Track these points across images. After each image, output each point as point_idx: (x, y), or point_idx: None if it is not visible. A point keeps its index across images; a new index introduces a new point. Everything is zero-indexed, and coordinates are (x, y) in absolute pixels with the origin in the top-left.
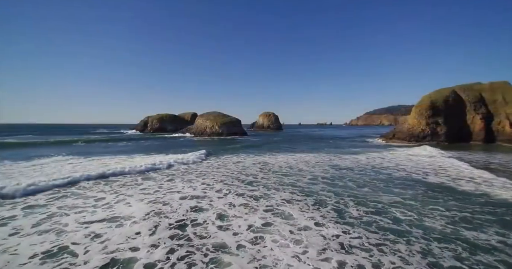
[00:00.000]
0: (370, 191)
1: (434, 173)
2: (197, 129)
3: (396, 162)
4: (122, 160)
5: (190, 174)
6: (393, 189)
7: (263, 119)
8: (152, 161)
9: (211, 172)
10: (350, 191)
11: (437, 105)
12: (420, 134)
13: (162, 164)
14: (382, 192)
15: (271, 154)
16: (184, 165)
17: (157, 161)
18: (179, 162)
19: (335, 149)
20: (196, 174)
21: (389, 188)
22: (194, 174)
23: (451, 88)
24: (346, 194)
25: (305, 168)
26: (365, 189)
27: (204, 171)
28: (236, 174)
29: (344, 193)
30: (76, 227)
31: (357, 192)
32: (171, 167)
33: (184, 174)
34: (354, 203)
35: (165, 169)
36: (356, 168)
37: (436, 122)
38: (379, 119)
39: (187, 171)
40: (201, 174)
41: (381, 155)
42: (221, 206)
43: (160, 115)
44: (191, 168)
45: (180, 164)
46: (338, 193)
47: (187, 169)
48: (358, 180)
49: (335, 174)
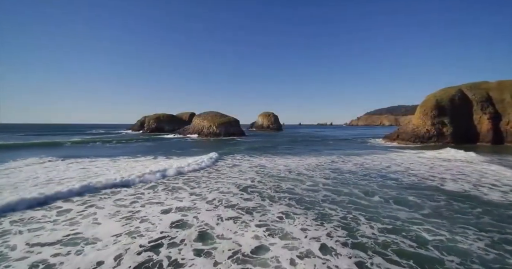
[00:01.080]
0: (381, 201)
1: (452, 179)
2: (194, 129)
3: (406, 165)
4: (104, 164)
5: (176, 180)
6: (408, 198)
7: (262, 119)
8: (137, 169)
9: (201, 177)
10: (357, 201)
11: (442, 105)
12: (425, 135)
13: (143, 176)
14: (396, 202)
15: (269, 157)
16: (172, 171)
17: (140, 170)
18: (164, 169)
19: (337, 150)
20: (183, 180)
21: (403, 197)
22: (181, 180)
23: (457, 87)
24: (352, 206)
25: (304, 172)
26: (375, 198)
27: (193, 176)
28: (230, 180)
29: (350, 204)
30: (25, 251)
31: (366, 202)
32: (152, 176)
33: (170, 180)
34: (364, 218)
35: (145, 179)
36: (360, 173)
37: (442, 122)
38: (380, 119)
39: (175, 178)
40: (189, 180)
41: (387, 157)
42: (208, 219)
43: (157, 115)
44: (180, 173)
45: (167, 170)
46: (343, 204)
47: (174, 177)
48: (365, 187)
49: (337, 180)
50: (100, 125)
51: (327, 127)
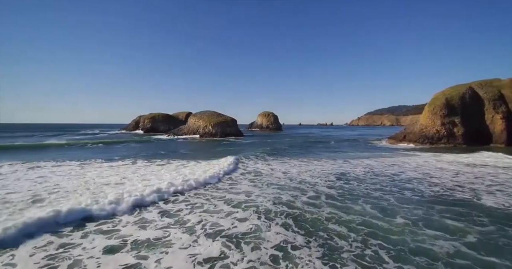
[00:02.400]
0: (406, 224)
1: (488, 191)
2: (189, 129)
3: (422, 171)
4: (68, 171)
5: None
6: (441, 220)
7: (262, 119)
8: (103, 180)
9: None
10: (373, 224)
11: (452, 103)
12: (435, 136)
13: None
14: (427, 225)
15: (265, 160)
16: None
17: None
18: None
19: (340, 153)
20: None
21: (434, 218)
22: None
23: (467, 85)
24: (368, 231)
25: (307, 179)
26: (397, 220)
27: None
28: (218, 193)
29: (364, 228)
30: None
31: (386, 225)
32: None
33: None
34: (390, 256)
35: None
36: (370, 180)
37: (452, 122)
38: (381, 119)
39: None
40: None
41: (398, 161)
42: (180, 263)
43: (152, 114)
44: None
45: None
46: (355, 228)
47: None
48: (379, 201)
49: (344, 190)
50: (98, 125)
51: (328, 127)
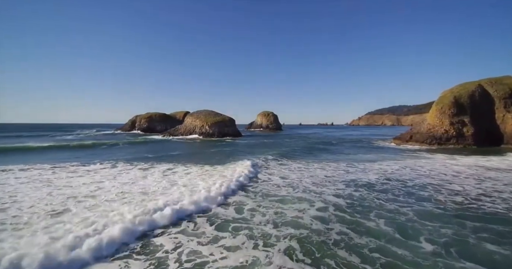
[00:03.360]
0: (434, 251)
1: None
2: (186, 129)
3: (438, 176)
4: (31, 176)
5: (113, 202)
6: (480, 244)
7: (261, 119)
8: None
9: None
10: (392, 252)
11: (461, 102)
12: (443, 136)
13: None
14: (461, 253)
15: (263, 164)
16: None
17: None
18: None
19: (344, 155)
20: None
21: (469, 241)
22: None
23: (476, 82)
24: (383, 260)
25: (311, 187)
26: (423, 244)
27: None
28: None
29: (380, 255)
30: None
31: (408, 254)
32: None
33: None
34: None
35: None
36: (381, 187)
37: (462, 121)
38: (381, 119)
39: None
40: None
41: (409, 164)
42: None
43: (149, 113)
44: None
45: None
46: (368, 256)
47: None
48: (395, 215)
49: (354, 200)
50: (96, 125)
51: (328, 127)
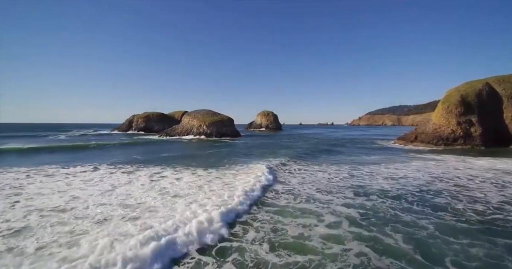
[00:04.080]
0: None
1: None
2: (183, 129)
3: (453, 180)
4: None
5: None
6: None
7: (261, 119)
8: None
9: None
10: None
11: (468, 101)
12: (450, 136)
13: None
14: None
15: (255, 168)
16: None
17: None
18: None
19: (348, 156)
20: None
21: (504, 265)
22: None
23: (483, 80)
24: None
25: (316, 196)
26: (448, 265)
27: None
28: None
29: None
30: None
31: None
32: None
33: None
34: None
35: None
36: (394, 194)
37: (469, 121)
38: (382, 119)
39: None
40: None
41: (419, 166)
42: None
43: (147, 113)
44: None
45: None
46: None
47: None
48: (414, 230)
49: (366, 210)
50: (95, 125)
51: (328, 127)
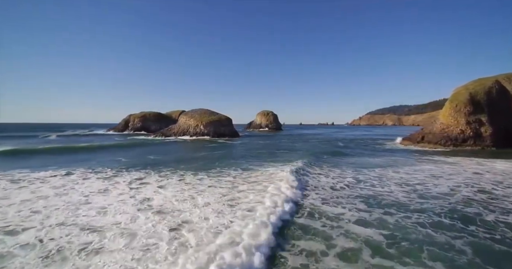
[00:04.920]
0: None
1: None
2: (179, 129)
3: (478, 186)
4: None
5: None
6: None
7: (260, 118)
8: None
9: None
10: None
11: (478, 99)
12: (459, 137)
13: None
14: None
15: (254, 175)
16: None
17: None
18: None
19: (351, 158)
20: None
21: None
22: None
23: (493, 78)
24: None
25: (322, 207)
26: None
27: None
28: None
29: None
30: None
31: None
32: None
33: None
34: None
35: None
36: (415, 207)
37: (479, 120)
38: (382, 119)
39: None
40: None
41: (433, 170)
42: None
43: (143, 113)
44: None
45: None
46: None
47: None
48: (452, 254)
49: (389, 228)
50: (94, 125)
51: (329, 127)
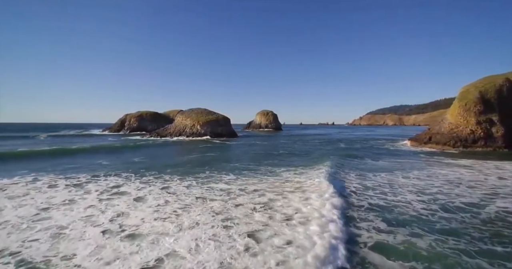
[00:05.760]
0: None
1: None
2: (175, 129)
3: (507, 195)
4: None
5: None
6: None
7: (260, 118)
8: None
9: None
10: None
11: (488, 98)
12: (469, 137)
13: None
14: None
15: (251, 182)
16: None
17: None
18: None
19: (354, 159)
20: None
21: None
22: None
23: (502, 76)
24: None
25: (326, 229)
26: None
27: None
28: None
29: None
30: None
31: None
32: None
33: None
34: None
35: None
36: (443, 225)
37: (489, 120)
38: (383, 119)
39: None
40: None
41: (447, 176)
42: None
43: (140, 112)
44: None
45: None
46: None
47: None
48: None
49: (415, 255)
50: (93, 125)
51: (330, 127)
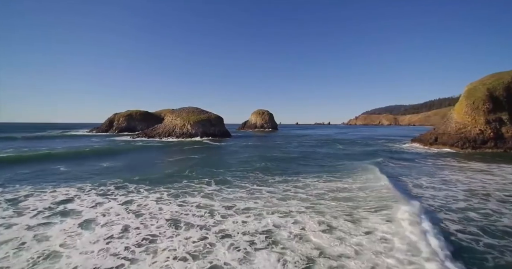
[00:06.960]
0: None
1: None
2: (165, 129)
3: None
4: None
5: None
6: None
7: (255, 118)
8: None
9: None
10: None
11: (496, 95)
12: (478, 138)
13: None
14: None
15: (239, 196)
16: None
17: None
18: None
19: (356, 161)
20: None
21: None
22: None
23: (511, 72)
24: None
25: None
26: None
27: None
28: None
29: None
30: None
31: None
32: None
33: None
34: None
35: None
36: (493, 261)
37: (499, 119)
38: (379, 119)
39: None
40: None
41: (466, 182)
42: None
43: (129, 111)
44: None
45: None
46: None
47: None
48: None
49: None
50: (92, 124)
51: (326, 127)
